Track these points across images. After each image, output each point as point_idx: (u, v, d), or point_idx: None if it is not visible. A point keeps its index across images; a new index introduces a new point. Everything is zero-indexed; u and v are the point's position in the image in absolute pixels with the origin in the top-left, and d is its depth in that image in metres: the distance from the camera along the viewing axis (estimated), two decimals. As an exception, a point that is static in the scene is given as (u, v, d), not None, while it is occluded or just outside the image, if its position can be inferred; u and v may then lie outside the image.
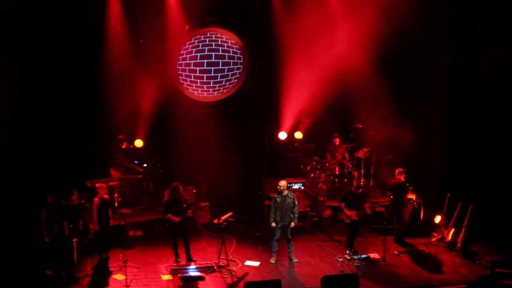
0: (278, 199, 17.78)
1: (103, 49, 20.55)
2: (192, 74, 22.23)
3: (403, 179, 19.25)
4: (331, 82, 21.98)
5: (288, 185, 18.52)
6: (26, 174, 18.84)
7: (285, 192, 17.86)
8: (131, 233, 19.58)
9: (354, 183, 21.14)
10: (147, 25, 20.87)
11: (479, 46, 21.53)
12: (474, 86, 21.77)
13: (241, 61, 22.78)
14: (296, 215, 17.88)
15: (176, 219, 17.28)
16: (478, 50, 21.57)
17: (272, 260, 17.95)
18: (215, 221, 17.78)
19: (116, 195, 20.17)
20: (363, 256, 18.20)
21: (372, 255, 18.30)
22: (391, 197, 19.61)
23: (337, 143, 22.61)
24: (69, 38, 19.90)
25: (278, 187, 17.89)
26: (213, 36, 22.38)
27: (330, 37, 22.09)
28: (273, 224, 17.82)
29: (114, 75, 20.65)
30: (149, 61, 21.11)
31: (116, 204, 20.02)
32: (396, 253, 18.57)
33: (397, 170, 19.48)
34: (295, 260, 17.98)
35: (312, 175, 22.16)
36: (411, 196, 19.08)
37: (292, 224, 17.83)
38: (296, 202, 17.94)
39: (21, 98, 19.20)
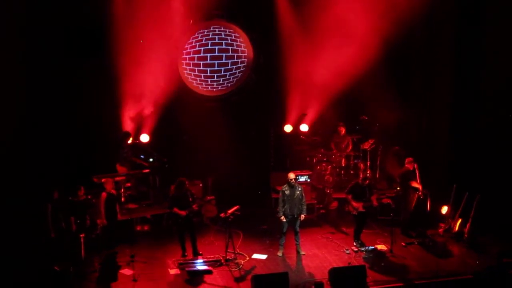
0: (287, 192, 17.77)
1: (108, 43, 20.48)
2: (196, 68, 22.20)
3: (411, 168, 19.24)
4: (336, 74, 21.94)
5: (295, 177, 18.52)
6: (32, 170, 18.86)
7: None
8: (138, 228, 19.64)
9: (361, 175, 21.14)
10: (151, 20, 20.83)
11: (485, 32, 21.49)
12: (481, 74, 21.71)
13: (242, 54, 22.70)
14: (305, 207, 17.91)
15: (183, 213, 17.31)
16: (484, 37, 21.53)
17: (279, 253, 17.97)
18: (222, 215, 17.81)
19: (122, 190, 20.17)
20: (370, 247, 18.22)
21: (379, 247, 18.33)
22: (400, 185, 19.61)
23: (342, 133, 22.58)
24: (73, 34, 19.90)
25: (291, 180, 17.86)
26: (216, 31, 22.33)
27: (335, 29, 22.01)
28: (283, 218, 17.82)
29: (119, 70, 20.63)
30: (154, 55, 21.07)
31: (122, 199, 20.02)
32: (403, 244, 18.58)
33: (406, 160, 19.48)
34: (303, 253, 18.00)
35: (318, 167, 22.15)
36: (417, 185, 19.05)
37: (302, 216, 17.85)
38: (304, 194, 17.97)
39: (27, 95, 19.22)
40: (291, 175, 17.93)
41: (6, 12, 18.70)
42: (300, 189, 17.90)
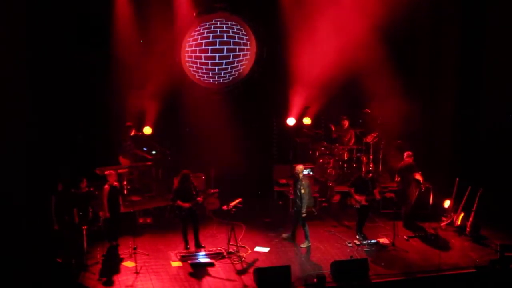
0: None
1: (111, 36, 20.51)
2: (198, 61, 22.18)
3: (411, 161, 19.26)
4: (340, 67, 21.89)
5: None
6: (35, 162, 18.88)
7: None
8: (141, 220, 19.59)
9: (363, 169, 21.16)
10: (155, 12, 20.83)
11: (489, 24, 21.48)
12: (486, 67, 21.69)
13: (245, 47, 22.64)
14: (305, 203, 17.93)
15: (186, 205, 17.30)
16: (489, 28, 21.51)
17: (305, 245, 18.02)
18: (224, 207, 17.83)
19: (125, 183, 20.19)
20: (373, 241, 18.22)
21: (381, 240, 18.32)
22: (399, 179, 19.61)
23: (345, 126, 22.55)
24: (76, 26, 19.89)
25: (299, 173, 17.98)
26: (219, 22, 22.26)
27: (338, 21, 21.94)
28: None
29: (122, 63, 20.64)
30: (157, 48, 21.07)
31: (125, 192, 20.03)
32: (406, 238, 18.58)
33: (406, 153, 19.51)
34: (303, 245, 18.06)
35: (321, 160, 22.13)
36: (419, 177, 19.07)
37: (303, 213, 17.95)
38: (303, 191, 17.96)
39: (31, 87, 19.23)
40: (300, 168, 18.08)
41: (11, 3, 18.70)
42: (303, 183, 17.93)
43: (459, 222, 19.00)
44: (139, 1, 20.89)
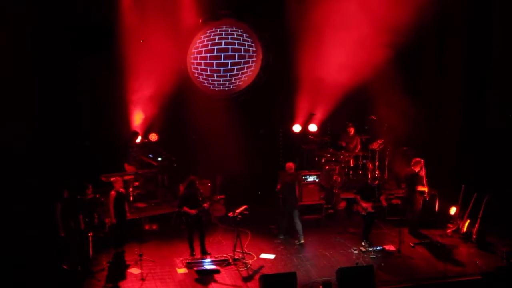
0: None
1: (116, 42, 20.49)
2: (199, 67, 22.23)
3: (416, 170, 19.17)
4: (346, 74, 21.89)
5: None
6: (41, 169, 18.92)
7: None
8: (147, 227, 19.62)
9: (369, 175, 21.14)
10: (160, 18, 20.87)
11: (495, 29, 21.51)
12: (492, 73, 21.70)
13: (251, 53, 22.66)
14: None
15: (193, 211, 17.32)
16: (494, 33, 21.55)
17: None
18: (230, 214, 17.85)
19: (131, 189, 20.18)
20: (378, 248, 18.20)
21: (387, 247, 18.30)
22: (405, 185, 19.61)
23: (351, 133, 22.55)
24: (81, 32, 19.89)
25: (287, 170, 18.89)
26: (219, 30, 22.31)
27: (344, 28, 21.94)
28: None
29: (127, 69, 20.69)
30: (163, 54, 21.09)
31: (131, 198, 20.02)
32: (411, 244, 18.54)
33: (413, 160, 19.44)
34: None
35: (326, 167, 22.12)
36: (422, 188, 19.02)
37: None
38: None
39: (36, 93, 19.29)
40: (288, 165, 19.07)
41: (16, 9, 18.76)
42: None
43: (465, 229, 18.95)
44: (145, 7, 20.89)
